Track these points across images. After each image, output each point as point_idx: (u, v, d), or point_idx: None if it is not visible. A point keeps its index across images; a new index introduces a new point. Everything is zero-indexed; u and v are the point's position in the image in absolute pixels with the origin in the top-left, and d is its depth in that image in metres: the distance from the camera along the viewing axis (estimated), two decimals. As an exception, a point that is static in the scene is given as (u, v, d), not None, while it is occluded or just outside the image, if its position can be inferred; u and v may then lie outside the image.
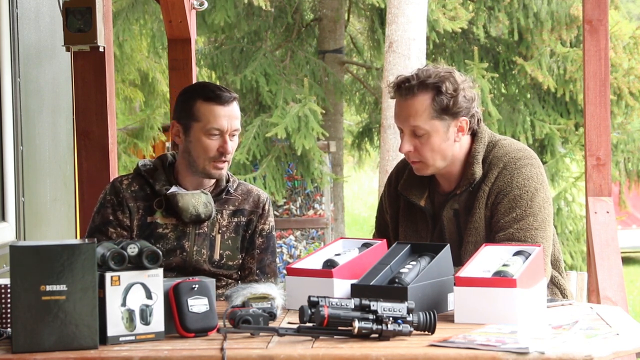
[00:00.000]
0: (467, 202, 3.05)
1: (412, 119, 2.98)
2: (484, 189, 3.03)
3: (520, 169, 3.01)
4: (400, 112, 3.02)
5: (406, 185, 3.17)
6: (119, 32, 10.79)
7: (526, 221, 2.96)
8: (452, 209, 3.08)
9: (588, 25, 4.14)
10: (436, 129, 2.99)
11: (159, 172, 3.23)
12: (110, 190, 3.24)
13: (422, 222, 3.14)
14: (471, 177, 3.03)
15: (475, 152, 3.05)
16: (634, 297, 11.12)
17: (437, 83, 2.97)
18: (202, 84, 3.41)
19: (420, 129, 2.98)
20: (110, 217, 3.21)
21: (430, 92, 2.97)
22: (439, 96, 2.97)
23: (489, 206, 3.01)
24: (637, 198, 13.52)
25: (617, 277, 3.85)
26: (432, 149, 3.01)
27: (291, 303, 2.72)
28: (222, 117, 3.15)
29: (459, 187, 3.06)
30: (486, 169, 3.04)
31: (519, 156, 3.03)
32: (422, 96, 2.98)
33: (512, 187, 2.98)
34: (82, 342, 2.32)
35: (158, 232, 3.19)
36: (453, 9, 10.07)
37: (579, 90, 10.11)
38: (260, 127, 10.16)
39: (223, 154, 3.15)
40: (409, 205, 3.17)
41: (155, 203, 3.20)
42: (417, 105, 2.98)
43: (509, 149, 3.05)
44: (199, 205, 3.16)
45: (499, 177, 3.01)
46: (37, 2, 5.00)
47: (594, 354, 2.21)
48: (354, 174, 19.78)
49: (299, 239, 10.62)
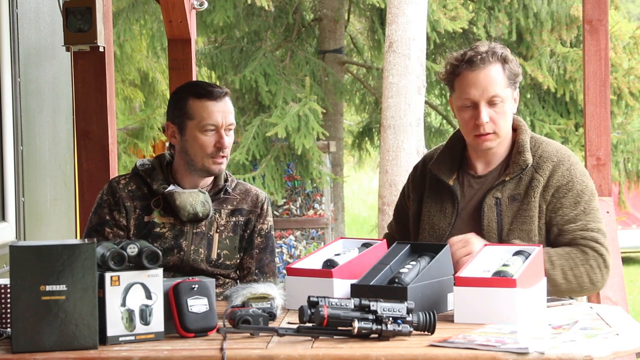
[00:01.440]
0: (514, 191, 3.10)
1: (492, 87, 3.07)
2: (538, 179, 3.09)
3: (575, 165, 3.14)
4: (476, 83, 3.07)
5: (436, 164, 3.23)
6: (119, 32, 10.79)
7: (594, 214, 3.08)
8: (494, 197, 3.10)
9: (588, 25, 4.14)
10: (509, 97, 3.11)
11: (156, 172, 3.23)
12: (107, 191, 3.25)
13: (448, 202, 3.18)
14: (523, 163, 3.10)
15: (523, 142, 3.14)
16: (634, 297, 11.12)
17: (504, 53, 3.11)
18: (193, 82, 3.43)
19: (498, 97, 3.07)
20: (106, 217, 3.21)
21: (501, 61, 3.10)
22: (507, 64, 3.11)
23: (545, 198, 3.07)
24: (637, 198, 13.53)
25: (617, 277, 3.85)
26: (505, 117, 3.11)
27: (291, 303, 2.72)
28: (216, 112, 3.15)
29: (507, 173, 3.11)
30: (536, 162, 3.12)
31: (568, 154, 3.17)
32: (496, 65, 3.09)
33: (574, 183, 3.09)
34: (82, 342, 2.32)
35: (155, 231, 3.19)
36: (454, 9, 10.07)
37: (579, 90, 10.11)
38: (260, 127, 10.15)
39: (220, 149, 3.16)
40: (436, 185, 3.21)
41: (153, 202, 3.20)
42: (494, 74, 3.08)
43: (557, 146, 3.18)
44: (196, 204, 3.16)
45: (555, 171, 3.09)
46: (37, 2, 5.00)
47: (593, 354, 2.21)
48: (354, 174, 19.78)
49: (299, 239, 10.62)
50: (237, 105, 10.81)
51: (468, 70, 3.08)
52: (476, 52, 3.09)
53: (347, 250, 2.96)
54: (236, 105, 10.75)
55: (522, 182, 3.10)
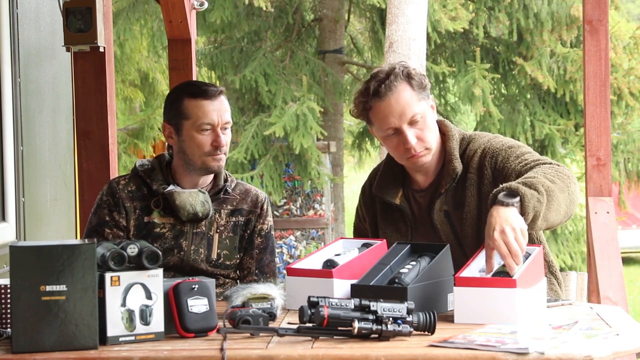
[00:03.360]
0: (455, 198, 3.08)
1: (408, 109, 3.02)
2: (470, 177, 3.07)
3: (496, 138, 3.11)
4: (391, 110, 3.02)
5: (379, 187, 3.21)
6: (119, 32, 10.79)
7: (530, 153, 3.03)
8: (441, 210, 3.09)
9: (588, 25, 4.14)
10: (426, 109, 3.06)
11: (156, 172, 3.23)
12: (107, 191, 3.25)
13: (400, 221, 3.16)
14: (452, 172, 3.07)
15: (451, 149, 3.11)
16: (634, 297, 11.12)
17: (405, 70, 3.05)
18: (188, 82, 3.43)
19: (417, 114, 3.03)
20: (106, 217, 3.21)
21: (405, 79, 3.04)
22: (412, 79, 3.05)
23: (486, 184, 3.04)
24: (637, 198, 13.52)
25: (617, 277, 3.85)
26: (430, 130, 3.06)
27: (291, 303, 2.72)
28: (211, 111, 3.15)
29: (442, 185, 3.09)
30: (466, 162, 3.09)
31: (491, 136, 3.14)
32: (402, 85, 3.03)
33: (500, 149, 3.05)
34: (82, 342, 2.32)
35: (155, 231, 3.19)
36: (454, 9, 10.07)
37: (579, 90, 10.10)
38: (259, 127, 10.15)
39: (217, 148, 3.16)
40: (385, 207, 3.19)
41: (153, 202, 3.20)
42: (405, 95, 3.03)
43: (483, 139, 3.13)
44: (196, 204, 3.16)
45: (484, 160, 3.06)
46: (37, 2, 5.00)
47: (593, 354, 2.21)
48: (354, 174, 19.77)
49: (299, 239, 10.62)
50: (237, 105, 10.81)
51: (378, 101, 3.03)
52: (379, 81, 3.03)
53: (347, 250, 2.96)
54: (236, 105, 10.76)
55: (459, 187, 3.08)
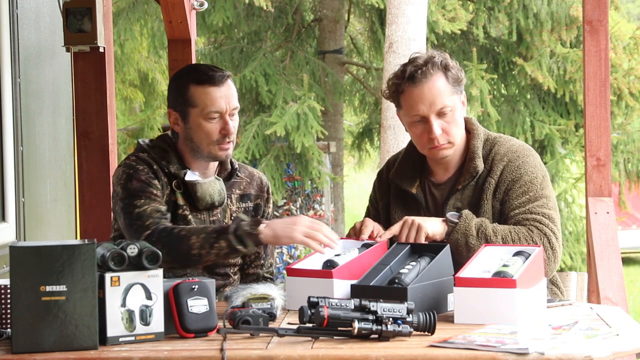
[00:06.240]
0: (471, 198, 3.08)
1: (438, 99, 3.04)
2: (490, 182, 3.08)
3: (526, 158, 3.10)
4: (422, 97, 3.04)
5: (397, 174, 3.22)
6: (120, 32, 10.79)
7: (541, 201, 3.04)
8: (454, 207, 3.09)
9: (588, 25, 4.14)
10: (457, 103, 3.08)
11: (170, 154, 3.15)
12: (138, 162, 3.10)
13: (414, 210, 3.17)
14: (473, 170, 3.08)
15: (474, 147, 3.11)
16: (634, 297, 11.12)
17: (443, 60, 3.06)
18: (193, 66, 3.33)
19: (447, 107, 3.05)
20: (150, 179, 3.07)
21: (442, 70, 3.06)
22: (449, 71, 3.06)
23: (497, 198, 3.06)
24: (637, 199, 13.51)
25: (617, 278, 3.84)
26: (457, 125, 3.08)
27: (291, 303, 2.72)
28: (219, 98, 3.07)
29: (460, 181, 3.09)
30: (489, 165, 3.10)
31: (521, 149, 3.12)
32: (438, 75, 3.05)
33: (522, 175, 3.06)
34: (82, 343, 2.32)
35: (179, 213, 3.13)
36: (452, 9, 10.06)
37: (579, 90, 10.09)
38: (260, 127, 10.15)
39: (226, 136, 3.09)
40: (400, 193, 3.21)
41: (174, 184, 3.13)
42: (439, 85, 3.05)
43: (510, 145, 3.13)
44: (214, 194, 3.14)
45: (506, 170, 3.07)
46: (37, 2, 4.99)
47: (593, 355, 2.21)
48: (354, 175, 19.77)
49: (299, 240, 10.60)
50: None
51: (411, 86, 3.04)
52: (416, 67, 3.04)
53: (347, 250, 2.96)
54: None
55: (477, 187, 3.09)
